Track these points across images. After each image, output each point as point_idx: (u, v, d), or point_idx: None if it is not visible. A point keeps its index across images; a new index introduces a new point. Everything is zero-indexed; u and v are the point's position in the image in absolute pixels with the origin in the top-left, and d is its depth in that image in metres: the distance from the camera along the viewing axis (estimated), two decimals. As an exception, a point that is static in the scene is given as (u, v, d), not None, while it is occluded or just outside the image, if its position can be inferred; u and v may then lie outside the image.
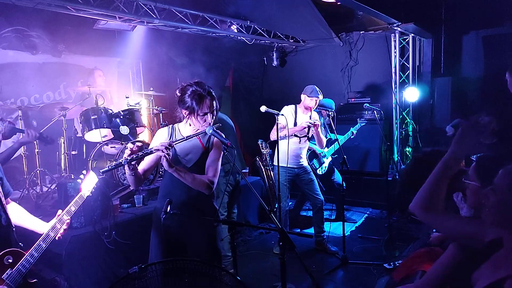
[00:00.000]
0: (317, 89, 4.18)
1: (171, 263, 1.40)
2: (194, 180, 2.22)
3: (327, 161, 4.94)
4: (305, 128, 4.12)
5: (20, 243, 2.09)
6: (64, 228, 2.18)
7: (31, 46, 5.22)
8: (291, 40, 6.70)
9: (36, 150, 4.39)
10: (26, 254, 2.01)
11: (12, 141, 3.63)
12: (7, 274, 1.92)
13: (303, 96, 4.24)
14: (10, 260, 1.94)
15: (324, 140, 4.34)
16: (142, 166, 2.31)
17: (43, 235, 2.11)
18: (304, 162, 4.34)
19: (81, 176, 2.33)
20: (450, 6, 5.78)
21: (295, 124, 4.20)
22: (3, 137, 3.25)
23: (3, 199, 2.08)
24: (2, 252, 1.93)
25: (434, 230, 2.74)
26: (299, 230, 5.05)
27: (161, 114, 5.33)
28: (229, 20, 5.63)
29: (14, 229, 2.11)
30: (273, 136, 3.96)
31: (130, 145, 2.08)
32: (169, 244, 2.32)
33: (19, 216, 2.22)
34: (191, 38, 5.99)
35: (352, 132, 5.01)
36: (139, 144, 2.12)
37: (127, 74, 6.85)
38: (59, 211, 2.22)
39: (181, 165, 2.26)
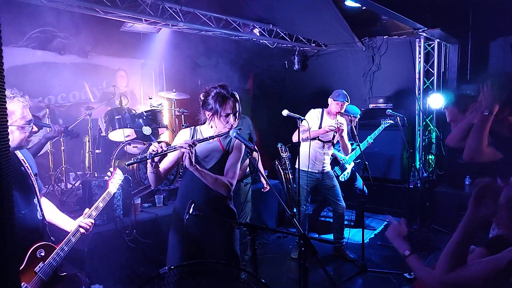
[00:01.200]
0: (345, 93, 4.13)
1: (200, 265, 1.41)
2: (214, 180, 2.23)
3: (349, 167, 4.89)
4: (328, 131, 4.07)
5: (52, 237, 2.15)
6: (91, 223, 2.25)
7: (59, 46, 5.38)
8: (313, 44, 6.68)
9: (62, 148, 4.51)
10: (57, 248, 2.08)
11: (39, 137, 3.75)
12: (39, 267, 1.99)
13: (330, 100, 4.20)
14: (42, 254, 2.02)
15: (349, 147, 4.23)
16: (163, 165, 2.34)
17: (73, 230, 2.18)
18: (327, 167, 4.30)
19: (108, 174, 2.38)
20: (478, 12, 5.64)
21: (320, 128, 4.16)
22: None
23: (38, 194, 2.16)
24: (36, 245, 2.00)
25: None
26: (317, 235, 5.01)
27: (182, 115, 5.39)
28: (251, 24, 5.66)
29: (47, 223, 2.18)
30: (295, 138, 3.94)
31: (155, 145, 2.11)
32: (189, 245, 2.34)
33: (50, 211, 2.30)
34: (214, 41, 6.05)
35: (368, 142, 4.94)
36: (164, 144, 2.15)
37: (150, 75, 6.97)
38: (87, 210, 2.29)
39: (201, 166, 2.29)
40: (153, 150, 2.08)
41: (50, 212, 2.29)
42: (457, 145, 2.33)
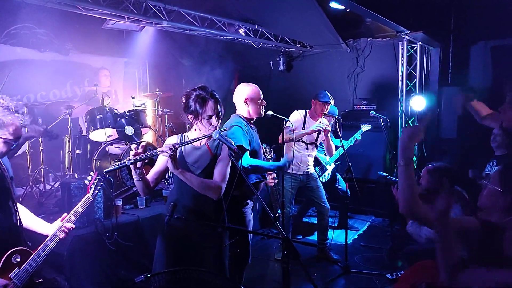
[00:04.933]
0: (329, 94, 4.15)
1: (178, 273, 1.38)
2: (201, 183, 2.19)
3: (330, 168, 4.91)
4: (314, 132, 4.07)
5: (28, 242, 2.09)
6: (71, 227, 2.19)
7: (39, 43, 5.24)
8: (298, 45, 6.69)
9: (41, 148, 4.40)
10: (34, 254, 2.02)
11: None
12: (14, 273, 1.93)
13: (314, 101, 4.20)
14: (18, 259, 1.96)
15: (334, 148, 4.26)
16: (151, 174, 2.28)
17: (50, 235, 2.11)
18: (310, 169, 4.30)
19: (89, 178, 2.33)
20: (459, 16, 5.75)
21: (303, 129, 4.16)
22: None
23: (14, 197, 2.09)
24: (11, 250, 1.94)
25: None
26: (301, 237, 5.02)
27: (166, 115, 5.33)
28: (237, 24, 5.63)
29: (23, 228, 2.12)
30: (281, 139, 3.93)
31: (134, 146, 2.07)
32: (175, 251, 2.28)
33: (25, 216, 2.22)
34: (198, 40, 5.99)
35: (356, 139, 4.97)
36: (143, 144, 2.10)
37: (133, 74, 6.87)
38: (64, 214, 2.23)
39: (191, 172, 2.24)
40: (133, 156, 2.03)
41: (25, 217, 2.21)
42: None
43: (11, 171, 2.16)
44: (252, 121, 3.00)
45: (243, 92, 2.94)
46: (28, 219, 2.22)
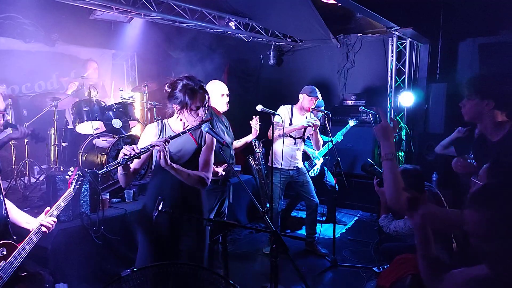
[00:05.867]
0: (317, 89, 4.16)
1: (164, 266, 1.36)
2: (190, 176, 2.17)
3: (318, 162, 4.93)
4: (304, 127, 4.08)
5: (14, 236, 2.07)
6: (53, 221, 2.18)
7: (24, 34, 5.11)
8: (288, 40, 6.67)
9: (26, 140, 4.30)
10: (19, 247, 2.01)
11: (2, 136, 3.56)
12: (0, 266, 1.91)
13: (301, 96, 4.19)
14: (4, 252, 1.95)
15: (321, 142, 4.30)
16: (133, 165, 2.24)
17: (34, 229, 2.09)
18: (299, 163, 4.31)
19: (69, 173, 2.30)
20: (448, 13, 5.80)
21: (290, 124, 4.16)
22: None
23: (3, 190, 2.07)
24: None
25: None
26: (289, 231, 5.03)
27: (154, 108, 5.27)
28: (227, 17, 5.58)
29: (9, 221, 2.10)
30: (270, 134, 3.92)
31: (127, 148, 2.00)
32: (159, 243, 2.27)
33: (10, 209, 2.19)
34: (188, 33, 5.92)
35: (344, 132, 5.02)
36: (135, 146, 2.05)
37: (121, 66, 6.77)
38: (47, 208, 2.21)
39: (174, 162, 2.22)
40: (125, 154, 1.98)
41: (10, 211, 2.18)
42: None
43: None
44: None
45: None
46: (12, 212, 2.19)
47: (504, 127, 2.06)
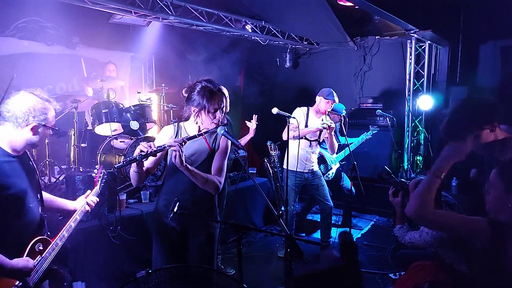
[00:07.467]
0: (334, 92, 4.11)
1: (179, 269, 1.37)
2: (205, 179, 2.17)
3: (334, 167, 4.88)
4: (319, 130, 4.05)
5: (48, 232, 2.15)
6: (95, 201, 2.39)
7: (46, 37, 5.26)
8: (305, 42, 6.65)
9: (46, 141, 4.40)
10: (52, 242, 2.09)
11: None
12: (37, 260, 1.99)
13: (318, 98, 4.15)
14: (41, 248, 2.03)
15: (336, 145, 4.24)
16: (146, 164, 2.25)
17: (80, 207, 2.28)
18: (315, 166, 4.27)
19: (95, 171, 2.40)
20: (469, 15, 5.68)
21: (306, 127, 4.14)
22: None
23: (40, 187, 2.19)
24: (36, 239, 2.01)
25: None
26: (304, 235, 5.00)
27: (171, 110, 5.32)
28: (244, 20, 5.60)
29: (45, 217, 2.19)
30: (285, 136, 3.91)
31: (144, 145, 2.03)
32: (172, 244, 2.29)
33: (49, 198, 2.31)
34: (205, 36, 5.98)
35: (363, 139, 4.94)
36: (152, 144, 2.08)
37: (139, 69, 6.87)
38: (88, 191, 2.41)
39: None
40: (142, 151, 2.00)
41: (49, 198, 2.30)
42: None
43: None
44: None
45: None
46: (58, 201, 2.34)
47: None
